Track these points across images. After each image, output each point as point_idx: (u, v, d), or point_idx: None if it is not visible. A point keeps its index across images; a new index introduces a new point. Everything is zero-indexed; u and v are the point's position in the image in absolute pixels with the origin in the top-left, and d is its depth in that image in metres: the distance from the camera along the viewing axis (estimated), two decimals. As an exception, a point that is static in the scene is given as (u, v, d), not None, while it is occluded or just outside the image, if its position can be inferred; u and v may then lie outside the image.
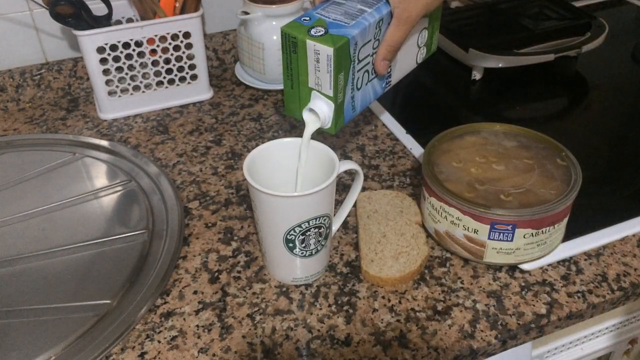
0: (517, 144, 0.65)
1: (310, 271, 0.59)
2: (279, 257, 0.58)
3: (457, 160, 0.63)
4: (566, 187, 0.58)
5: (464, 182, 0.60)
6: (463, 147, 0.64)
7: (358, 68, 0.57)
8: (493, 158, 0.63)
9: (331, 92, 0.54)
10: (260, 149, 0.58)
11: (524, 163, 0.62)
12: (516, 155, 0.63)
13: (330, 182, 0.53)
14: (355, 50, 0.55)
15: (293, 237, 0.55)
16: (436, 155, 0.63)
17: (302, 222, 0.54)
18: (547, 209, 0.56)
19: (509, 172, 0.61)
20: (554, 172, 0.61)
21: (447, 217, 0.59)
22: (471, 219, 0.57)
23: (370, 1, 0.57)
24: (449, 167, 0.62)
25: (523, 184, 0.59)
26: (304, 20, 0.54)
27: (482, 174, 0.61)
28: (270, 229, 0.56)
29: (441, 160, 0.63)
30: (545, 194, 0.58)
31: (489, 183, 0.59)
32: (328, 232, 0.58)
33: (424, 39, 0.66)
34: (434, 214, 0.61)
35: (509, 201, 0.57)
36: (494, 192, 0.58)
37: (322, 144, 0.58)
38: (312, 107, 0.56)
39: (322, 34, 0.52)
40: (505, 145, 0.65)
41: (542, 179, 0.60)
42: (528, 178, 0.60)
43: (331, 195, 0.56)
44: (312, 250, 0.57)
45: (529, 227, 0.56)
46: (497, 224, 0.56)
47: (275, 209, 0.54)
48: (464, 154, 0.63)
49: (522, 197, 0.57)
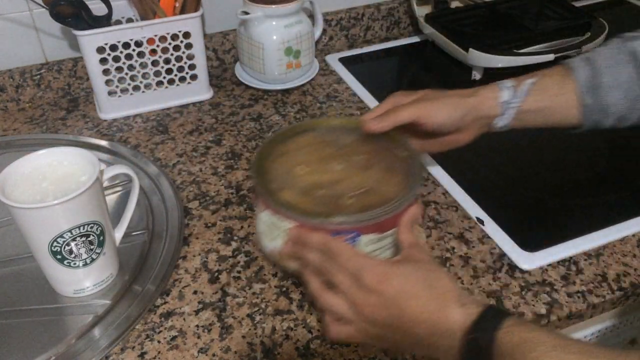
0: (356, 138, 0.59)
1: (91, 281, 0.58)
2: (51, 270, 0.56)
3: (292, 164, 0.56)
4: (408, 182, 0.53)
5: (299, 189, 0.53)
6: (299, 148, 0.58)
7: None
8: (331, 157, 0.57)
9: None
10: (17, 164, 0.55)
11: (364, 159, 0.56)
12: (356, 151, 0.57)
13: (85, 190, 0.51)
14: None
15: (59, 249, 0.53)
16: (269, 161, 0.56)
17: (63, 232, 0.52)
18: (389, 209, 0.50)
19: (349, 172, 0.55)
20: (394, 165, 0.55)
21: (285, 232, 0.51)
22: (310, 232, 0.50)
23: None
24: (283, 173, 0.55)
25: (364, 183, 0.53)
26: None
27: (320, 177, 0.55)
28: (33, 242, 0.54)
29: (275, 165, 0.56)
30: (387, 191, 0.52)
31: (327, 187, 0.53)
32: (102, 240, 0.56)
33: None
34: (269, 231, 0.53)
35: (350, 205, 0.51)
36: (333, 198, 0.52)
37: (87, 151, 0.56)
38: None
39: None
40: (343, 141, 0.59)
41: (383, 175, 0.55)
42: (369, 176, 0.54)
43: (96, 202, 0.54)
44: (87, 259, 0.56)
45: (373, 231, 0.51)
46: (339, 233, 0.49)
47: (29, 221, 0.52)
48: (300, 155, 0.57)
49: (364, 198, 0.52)
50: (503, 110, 0.61)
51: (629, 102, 0.61)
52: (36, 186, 0.54)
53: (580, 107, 0.62)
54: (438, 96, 0.61)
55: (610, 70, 0.61)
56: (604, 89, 0.61)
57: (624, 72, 0.60)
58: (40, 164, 0.56)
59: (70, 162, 0.57)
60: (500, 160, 0.78)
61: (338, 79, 0.95)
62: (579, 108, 0.62)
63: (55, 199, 0.50)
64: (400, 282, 0.44)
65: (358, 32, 1.07)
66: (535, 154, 0.79)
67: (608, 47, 0.63)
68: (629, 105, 0.61)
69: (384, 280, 0.44)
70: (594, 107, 0.61)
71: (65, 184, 0.54)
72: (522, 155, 0.79)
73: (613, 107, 0.61)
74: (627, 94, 0.61)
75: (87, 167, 0.55)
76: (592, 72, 0.61)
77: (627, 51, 0.61)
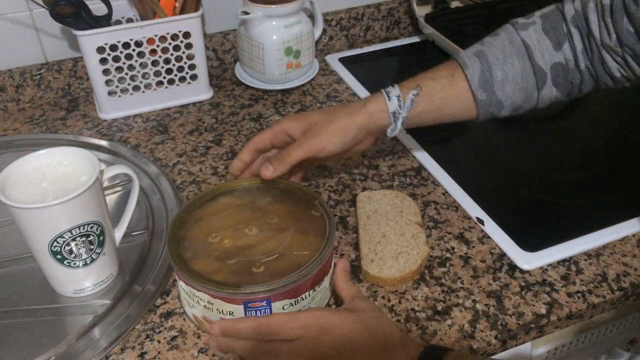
0: (271, 200, 0.59)
1: (90, 281, 0.58)
2: (51, 270, 0.56)
3: (207, 231, 0.55)
4: (321, 243, 0.53)
5: (213, 257, 0.53)
6: (215, 213, 0.58)
7: None
8: (246, 221, 0.57)
9: None
10: (16, 163, 0.55)
11: (278, 222, 0.56)
12: (271, 213, 0.57)
13: (85, 190, 0.52)
14: None
15: (59, 249, 0.53)
16: (185, 228, 0.56)
17: (63, 232, 0.52)
18: (300, 275, 0.50)
19: (263, 236, 0.55)
20: (308, 227, 0.56)
21: (199, 301, 0.52)
22: (223, 302, 0.50)
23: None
24: (198, 241, 0.55)
25: (277, 248, 0.54)
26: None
27: (234, 242, 0.54)
28: (33, 242, 0.54)
29: (191, 233, 0.55)
30: (299, 256, 0.53)
31: (240, 254, 0.53)
32: (102, 240, 0.56)
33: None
34: (187, 298, 0.54)
35: (261, 273, 0.51)
36: (245, 265, 0.52)
37: (87, 151, 0.56)
38: None
39: None
40: (259, 203, 0.59)
41: (296, 238, 0.55)
42: (282, 239, 0.54)
43: (96, 202, 0.54)
44: (87, 259, 0.56)
45: (285, 298, 0.51)
46: (250, 302, 0.50)
47: (29, 221, 0.52)
48: (216, 220, 0.57)
49: (276, 264, 0.52)
50: (393, 120, 0.61)
51: (522, 93, 0.62)
52: (36, 186, 0.54)
53: (474, 102, 0.62)
54: (326, 123, 0.60)
55: (500, 64, 0.61)
56: (496, 83, 0.61)
57: (515, 65, 0.61)
58: (40, 164, 0.56)
59: (70, 162, 0.57)
60: (500, 160, 0.78)
61: (338, 79, 0.95)
62: (473, 103, 0.62)
63: (55, 199, 0.50)
64: (344, 332, 0.45)
65: (358, 32, 1.07)
66: (535, 154, 0.79)
67: (499, 38, 0.63)
68: (523, 96, 0.62)
69: (329, 332, 0.45)
70: (488, 102, 0.62)
71: (65, 184, 0.54)
72: (522, 155, 0.79)
73: (507, 100, 0.62)
74: (519, 86, 0.61)
75: (87, 167, 0.55)
76: (483, 67, 0.61)
77: (517, 42, 0.61)
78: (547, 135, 0.72)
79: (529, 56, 0.61)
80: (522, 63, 0.61)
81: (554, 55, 0.61)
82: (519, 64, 0.61)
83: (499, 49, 0.62)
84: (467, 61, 0.62)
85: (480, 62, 0.61)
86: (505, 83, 0.61)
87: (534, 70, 0.61)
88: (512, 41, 0.61)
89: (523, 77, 0.61)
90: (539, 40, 0.61)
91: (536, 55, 0.61)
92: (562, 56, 0.61)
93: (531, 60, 0.61)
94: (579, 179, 0.75)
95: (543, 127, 0.85)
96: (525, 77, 0.61)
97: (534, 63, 0.61)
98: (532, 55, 0.61)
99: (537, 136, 0.83)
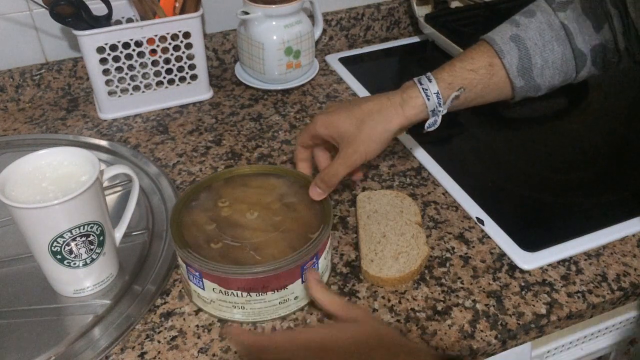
0: (298, 200, 0.60)
1: (91, 281, 0.58)
2: (51, 270, 0.56)
3: (225, 196, 0.59)
4: (287, 260, 0.53)
5: (209, 219, 0.57)
6: (255, 187, 0.61)
7: None
8: (261, 208, 0.59)
9: None
10: (16, 164, 0.55)
11: (279, 222, 0.57)
12: (280, 213, 0.58)
13: (85, 190, 0.51)
14: None
15: (59, 249, 0.53)
16: (220, 185, 0.60)
17: (63, 232, 0.52)
18: (237, 270, 0.52)
19: (258, 228, 0.56)
20: (295, 242, 0.55)
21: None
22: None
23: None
24: (209, 202, 0.59)
25: (259, 244, 0.55)
26: None
27: (238, 218, 0.57)
28: (33, 242, 0.54)
29: (224, 191, 0.60)
30: (263, 260, 0.53)
31: (236, 230, 0.56)
32: (102, 240, 0.56)
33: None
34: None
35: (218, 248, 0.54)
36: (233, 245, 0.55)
37: (87, 151, 0.56)
38: None
39: None
40: (287, 199, 0.60)
41: (279, 246, 0.55)
42: (268, 239, 0.55)
43: (96, 202, 0.54)
44: (87, 259, 0.56)
45: (214, 281, 0.53)
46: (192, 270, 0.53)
47: (29, 221, 0.52)
48: (238, 192, 0.60)
49: (239, 251, 0.54)
50: (432, 115, 0.61)
51: (561, 76, 0.61)
52: (36, 186, 0.54)
53: (511, 88, 0.62)
54: (361, 132, 0.59)
55: (540, 50, 0.60)
56: (535, 70, 0.60)
57: (555, 50, 0.59)
58: (40, 164, 0.56)
59: (70, 162, 0.57)
60: (500, 160, 0.78)
61: (338, 79, 0.95)
62: (510, 89, 0.62)
63: (55, 199, 0.50)
64: (349, 344, 0.44)
65: (358, 32, 1.07)
66: (535, 153, 0.79)
67: (536, 20, 0.61)
68: (561, 79, 0.61)
69: (333, 347, 0.43)
70: (526, 87, 0.62)
71: (65, 184, 0.54)
72: (522, 155, 0.79)
73: (545, 83, 0.61)
74: (559, 70, 0.60)
75: (87, 167, 0.55)
76: (521, 54, 0.60)
77: (556, 25, 0.59)
78: (547, 135, 0.72)
79: (569, 40, 0.59)
80: (563, 48, 0.59)
81: (594, 37, 0.59)
82: (559, 49, 0.59)
83: (537, 33, 0.59)
84: (504, 48, 0.60)
85: (517, 48, 0.59)
86: (545, 69, 0.60)
87: (574, 55, 0.59)
88: (551, 24, 0.59)
89: (563, 61, 0.60)
90: (579, 21, 0.59)
91: (577, 39, 0.59)
92: (602, 37, 0.59)
93: (571, 44, 0.59)
94: (579, 179, 0.75)
95: (543, 127, 0.85)
96: (565, 61, 0.60)
97: (575, 47, 0.59)
98: (572, 39, 0.59)
99: (537, 136, 0.83)
